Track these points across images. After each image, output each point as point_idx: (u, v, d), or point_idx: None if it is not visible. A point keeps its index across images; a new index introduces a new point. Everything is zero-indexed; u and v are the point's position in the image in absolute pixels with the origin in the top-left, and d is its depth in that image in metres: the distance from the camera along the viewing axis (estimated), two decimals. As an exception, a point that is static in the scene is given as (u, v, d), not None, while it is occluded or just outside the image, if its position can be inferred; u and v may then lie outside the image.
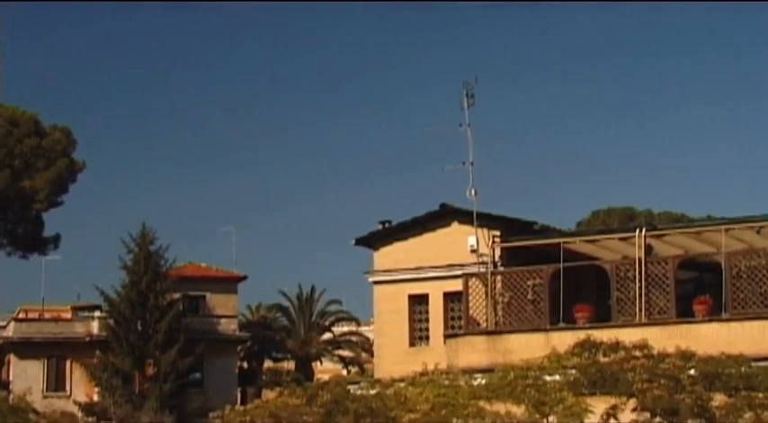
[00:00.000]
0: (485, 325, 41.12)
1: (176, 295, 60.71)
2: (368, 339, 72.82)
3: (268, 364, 79.07)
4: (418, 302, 44.53)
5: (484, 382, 28.73)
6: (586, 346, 29.72)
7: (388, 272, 44.59)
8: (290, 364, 78.40)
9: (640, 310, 38.42)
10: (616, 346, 29.32)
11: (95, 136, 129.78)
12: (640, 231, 39.86)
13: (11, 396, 16.74)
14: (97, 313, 65.17)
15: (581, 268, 40.53)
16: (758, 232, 39.07)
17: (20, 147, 60.97)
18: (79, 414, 55.90)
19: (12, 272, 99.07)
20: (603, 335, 30.96)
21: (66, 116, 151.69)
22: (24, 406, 15.95)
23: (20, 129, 61.63)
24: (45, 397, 59.80)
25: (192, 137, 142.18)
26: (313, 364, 78.32)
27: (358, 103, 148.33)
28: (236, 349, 69.17)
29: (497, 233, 42.34)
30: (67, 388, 63.31)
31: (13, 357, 64.16)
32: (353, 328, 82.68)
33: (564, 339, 33.02)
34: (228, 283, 66.75)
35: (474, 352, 39.59)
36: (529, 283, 40.71)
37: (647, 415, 26.35)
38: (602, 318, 39.48)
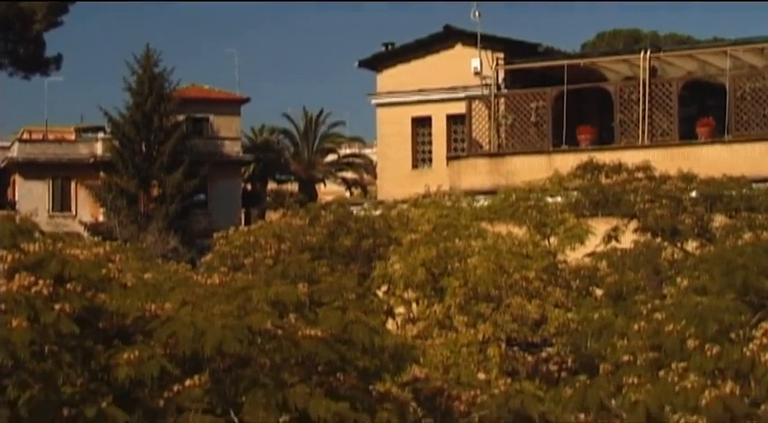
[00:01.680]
0: (487, 147, 41.26)
1: (180, 117, 60.76)
2: (371, 162, 73.09)
3: (272, 186, 79.56)
4: (421, 125, 44.59)
5: (486, 203, 28.94)
6: (589, 168, 29.83)
7: (392, 94, 44.52)
8: (293, 186, 78.87)
9: (643, 132, 38.53)
10: (618, 168, 29.43)
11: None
12: (645, 53, 39.65)
13: (17, 216, 16.85)
14: (101, 134, 65.28)
15: (584, 90, 40.46)
16: (762, 52, 38.84)
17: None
18: (85, 234, 56.48)
19: (14, 93, 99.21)
20: (606, 157, 31.07)
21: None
22: (31, 226, 16.08)
23: (17, -52, 60.77)
24: (51, 217, 60.37)
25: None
26: (316, 185, 78.80)
27: None
28: (240, 171, 69.50)
29: (501, 55, 42.12)
30: (73, 209, 63.88)
31: (18, 178, 64.56)
32: (357, 150, 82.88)
33: (566, 161, 33.16)
34: (231, 105, 66.69)
35: (476, 174, 39.83)
36: (532, 105, 40.70)
37: (649, 235, 26.60)
38: (605, 140, 39.60)
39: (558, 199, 28.73)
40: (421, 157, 44.60)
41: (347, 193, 77.21)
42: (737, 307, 16.23)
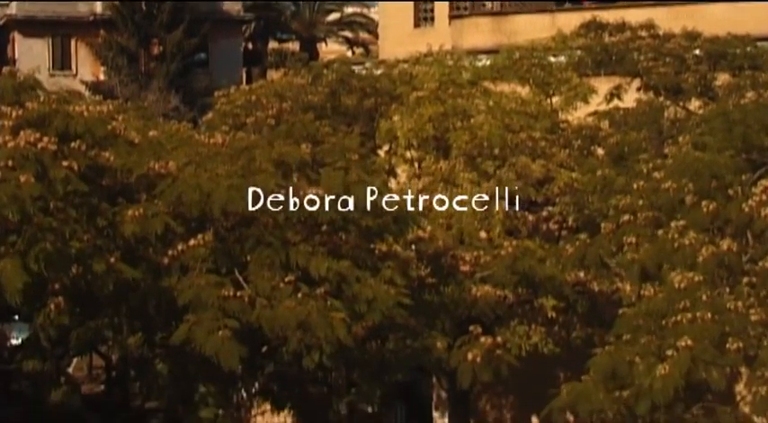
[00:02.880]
0: (490, 6, 40.89)
1: (179, -26, 60.05)
2: (373, 21, 72.48)
3: (273, 45, 78.99)
4: (423, -18, 44.13)
5: (489, 62, 28.79)
6: (592, 26, 29.60)
7: (395, -49, 43.96)
8: (294, 46, 78.32)
9: (648, -9, 38.09)
10: (622, 27, 29.20)
11: None
12: None
13: (18, 74, 16.79)
14: (99, -8, 64.58)
15: (589, -53, 39.90)
16: None
17: None
18: (86, 93, 56.33)
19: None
20: (610, 15, 30.80)
21: None
22: (34, 83, 16.03)
23: None
24: (51, 75, 60.02)
25: None
26: (318, 45, 78.25)
27: None
28: (241, 30, 68.95)
29: None
30: (73, 67, 63.50)
31: (17, 35, 64.05)
32: (359, 9, 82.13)
33: (570, 20, 32.87)
34: (231, -38, 65.87)
35: (479, 33, 39.51)
36: (536, -38, 40.23)
37: (651, 94, 26.53)
38: (609, -2, 39.18)
39: (562, 58, 28.57)
40: (423, 16, 44.20)
41: (349, 53, 76.72)
42: (737, 164, 16.31)
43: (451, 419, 31.46)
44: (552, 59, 28.05)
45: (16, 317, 17.44)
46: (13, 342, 20.29)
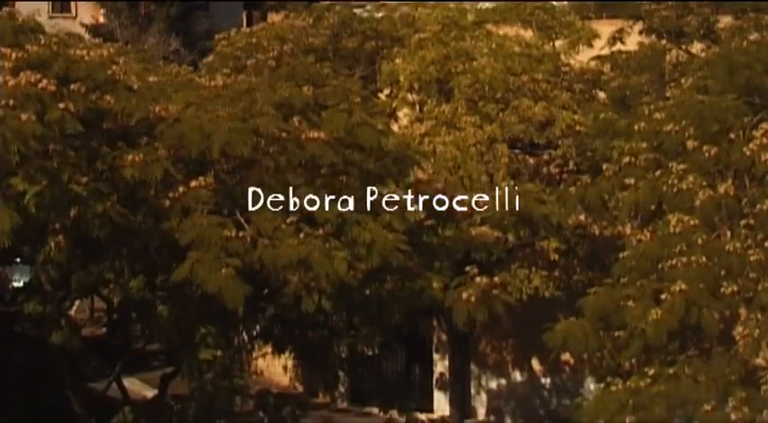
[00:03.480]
0: (493, -53, 40.53)
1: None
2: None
3: None
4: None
5: (491, 5, 28.63)
6: (595, -31, 29.44)
7: None
8: None
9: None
10: (624, -31, 29.04)
11: None
12: None
13: (18, 15, 16.66)
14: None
15: None
16: None
17: None
18: (86, 36, 56.09)
19: None
20: (613, -42, 30.56)
21: None
22: (35, 25, 15.94)
23: None
24: (51, 18, 59.81)
25: None
26: None
27: None
28: (242, -28, 68.62)
29: None
30: (73, 10, 63.24)
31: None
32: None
33: (573, -38, 32.65)
34: None
35: (482, -25, 39.22)
36: None
37: (654, 37, 26.41)
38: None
39: (564, 2, 28.40)
40: (425, -42, 43.90)
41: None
42: (739, 107, 16.23)
43: (452, 362, 31.61)
44: (555, 3, 27.90)
45: (18, 259, 17.51)
46: (15, 284, 20.38)
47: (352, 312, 17.81)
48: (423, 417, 22.25)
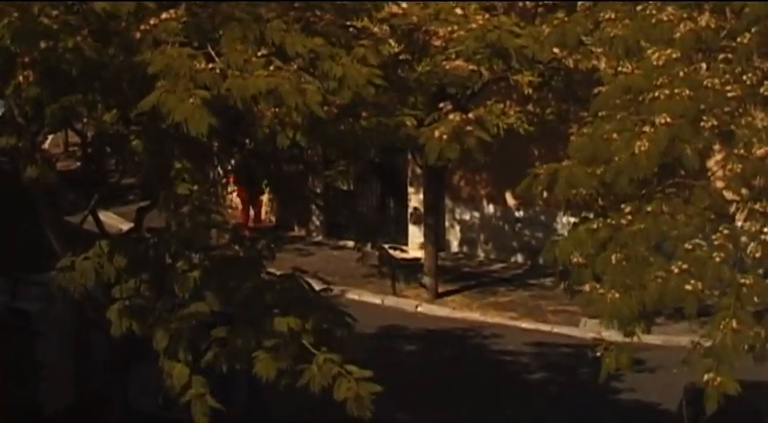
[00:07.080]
0: None
1: None
2: None
3: None
4: None
5: None
6: None
7: None
8: None
9: None
10: None
11: None
12: None
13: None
14: None
15: None
16: None
17: None
18: None
19: None
20: None
21: None
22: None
23: None
24: None
25: None
26: None
27: None
28: None
29: None
30: None
31: None
32: None
33: None
34: None
35: None
36: None
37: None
38: None
39: None
40: None
41: None
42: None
43: (426, 195, 31.81)
44: None
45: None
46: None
47: (328, 147, 17.73)
48: (395, 253, 22.52)
